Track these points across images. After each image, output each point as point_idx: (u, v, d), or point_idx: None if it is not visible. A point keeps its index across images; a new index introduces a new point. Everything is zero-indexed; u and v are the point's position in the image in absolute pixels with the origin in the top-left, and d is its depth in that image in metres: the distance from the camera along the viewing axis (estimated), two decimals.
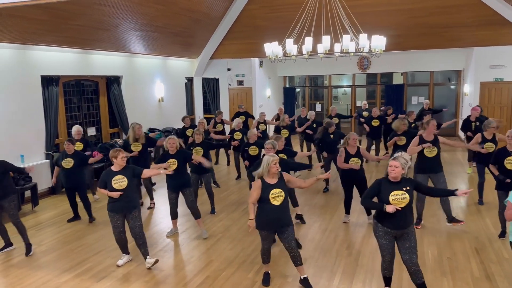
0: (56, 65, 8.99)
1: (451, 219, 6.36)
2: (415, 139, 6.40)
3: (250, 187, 7.28)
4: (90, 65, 9.95)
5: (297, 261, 4.60)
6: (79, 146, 7.73)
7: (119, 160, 5.14)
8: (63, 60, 9.17)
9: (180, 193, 6.23)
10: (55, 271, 5.28)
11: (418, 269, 4.15)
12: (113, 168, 5.21)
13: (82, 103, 10.16)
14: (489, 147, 7.01)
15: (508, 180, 5.61)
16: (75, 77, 9.78)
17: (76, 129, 8.12)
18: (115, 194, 5.06)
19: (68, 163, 6.87)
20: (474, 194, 7.94)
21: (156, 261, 5.27)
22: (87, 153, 7.62)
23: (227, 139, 10.19)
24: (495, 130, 7.10)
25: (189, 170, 6.90)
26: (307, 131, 10.37)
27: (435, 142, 6.23)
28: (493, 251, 5.53)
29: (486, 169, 6.97)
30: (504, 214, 3.97)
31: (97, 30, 9.03)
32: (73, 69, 9.49)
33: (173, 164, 6.05)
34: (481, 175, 7.43)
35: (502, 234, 5.96)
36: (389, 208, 4.00)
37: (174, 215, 6.37)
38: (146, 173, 5.36)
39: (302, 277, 4.69)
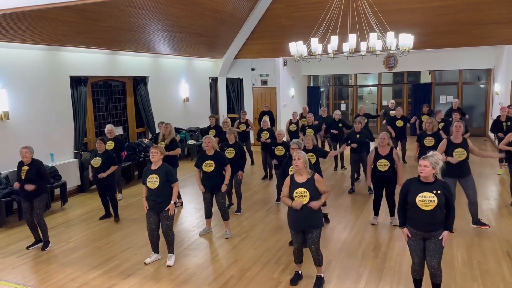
0: (84, 66, 9.19)
1: (476, 222, 6.22)
2: (443, 142, 6.25)
3: (278, 185, 7.26)
4: (117, 66, 10.14)
5: (316, 263, 4.69)
6: (110, 145, 7.87)
7: (151, 157, 5.27)
8: (91, 61, 9.38)
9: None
10: (84, 268, 5.40)
11: (436, 273, 4.07)
12: (152, 166, 5.33)
13: (109, 103, 10.36)
14: None
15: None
16: (103, 77, 9.98)
17: (109, 127, 8.27)
18: (145, 204, 5.36)
19: (96, 162, 7.01)
20: (506, 196, 7.71)
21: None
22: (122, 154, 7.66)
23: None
24: None
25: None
26: (333, 130, 10.26)
27: (464, 146, 6.05)
28: None
29: None
30: None
31: (124, 31, 9.19)
32: (101, 70, 9.68)
33: (210, 165, 6.06)
34: None
35: None
36: (404, 231, 4.14)
37: (208, 214, 6.40)
38: (175, 190, 5.38)
39: (317, 274, 4.76)
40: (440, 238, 3.99)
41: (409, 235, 4.10)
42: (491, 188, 8.48)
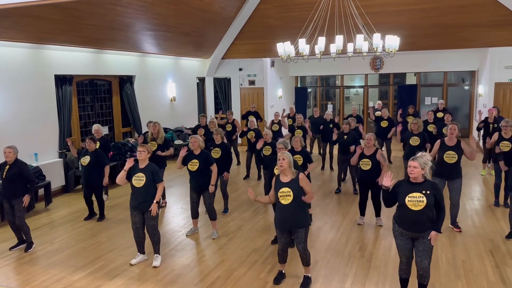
0: (69, 65, 9.07)
1: (453, 222, 6.33)
2: (437, 143, 6.31)
3: (265, 185, 7.24)
4: (103, 65, 10.03)
5: (304, 262, 4.72)
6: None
7: (137, 155, 5.23)
8: (76, 60, 9.26)
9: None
10: (68, 269, 5.33)
11: (425, 274, 4.10)
12: (139, 164, 5.28)
13: (95, 102, 10.24)
14: (505, 146, 6.91)
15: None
16: (89, 76, 9.87)
17: (95, 127, 8.13)
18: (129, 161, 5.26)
19: (85, 160, 6.94)
20: (489, 197, 7.84)
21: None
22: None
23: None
24: (511, 129, 7.00)
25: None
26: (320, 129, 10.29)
27: (456, 149, 6.11)
28: (509, 254, 5.44)
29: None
30: None
31: (110, 30, 9.09)
32: (86, 69, 9.57)
33: (194, 164, 6.04)
34: (498, 176, 7.34)
35: (510, 235, 5.91)
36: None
37: (194, 215, 6.36)
38: (159, 189, 5.31)
39: (304, 274, 4.79)
40: (428, 238, 4.03)
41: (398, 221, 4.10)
42: (475, 188, 8.61)
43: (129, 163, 5.23)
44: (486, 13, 10.83)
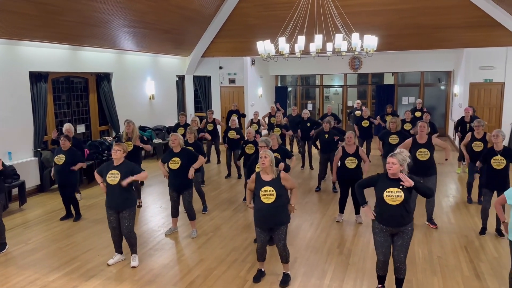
0: (45, 61, 8.85)
1: (429, 219, 6.46)
2: (409, 140, 6.44)
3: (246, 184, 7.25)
4: (79, 62, 9.83)
5: (283, 260, 4.75)
6: None
7: (112, 154, 5.14)
8: (52, 56, 9.05)
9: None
10: (43, 270, 5.20)
11: (402, 267, 4.21)
12: (114, 162, 5.19)
13: (71, 100, 10.03)
14: (477, 146, 7.09)
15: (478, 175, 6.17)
16: (65, 73, 9.65)
17: (66, 126, 7.96)
18: (102, 187, 5.25)
19: (59, 159, 6.79)
20: (464, 194, 8.02)
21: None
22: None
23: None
24: (483, 129, 7.21)
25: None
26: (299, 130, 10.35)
27: (428, 146, 6.24)
28: (482, 249, 5.57)
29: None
30: (495, 206, 4.43)
31: (87, 26, 8.92)
32: (62, 66, 9.36)
33: (176, 163, 5.99)
34: (471, 174, 7.51)
35: (483, 231, 6.07)
36: (366, 210, 4.28)
37: (175, 213, 6.30)
38: (142, 174, 5.26)
39: (284, 272, 4.81)
40: (409, 228, 4.11)
41: (374, 214, 4.20)
42: (450, 186, 8.80)
43: (102, 189, 5.25)
44: (462, 14, 11.09)
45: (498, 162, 5.83)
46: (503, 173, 5.83)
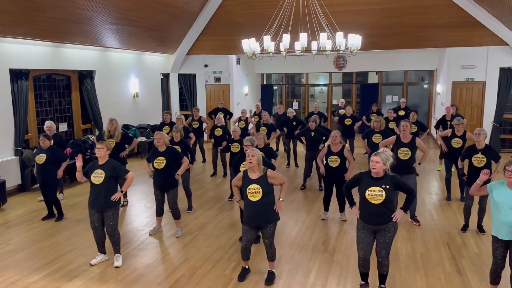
0: (26, 59, 8.68)
1: (412, 216, 6.54)
2: (392, 138, 6.51)
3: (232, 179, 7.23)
4: (62, 59, 9.67)
5: (269, 257, 4.76)
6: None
7: (96, 152, 5.07)
8: (33, 53, 8.88)
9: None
10: (24, 271, 5.11)
11: (384, 262, 4.27)
12: (98, 161, 5.12)
13: (53, 98, 9.87)
14: (456, 143, 7.22)
15: (465, 177, 6.12)
16: (46, 71, 9.49)
17: (48, 124, 7.82)
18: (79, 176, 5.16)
19: (40, 158, 6.67)
20: (446, 191, 8.13)
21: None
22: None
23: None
24: (463, 127, 7.36)
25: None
26: (285, 128, 10.36)
27: (410, 145, 6.31)
28: (464, 246, 5.67)
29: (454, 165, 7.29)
30: (470, 190, 4.48)
31: (70, 23, 8.78)
32: (44, 63, 9.19)
33: (161, 162, 5.94)
34: (448, 170, 7.67)
35: (465, 228, 6.17)
36: (354, 209, 4.32)
37: (159, 212, 6.25)
38: (129, 180, 5.19)
39: (269, 270, 4.82)
40: (392, 217, 4.14)
41: (359, 214, 4.25)
42: (432, 183, 8.92)
43: (78, 161, 5.10)
44: (445, 14, 11.24)
45: (478, 160, 5.92)
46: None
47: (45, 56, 9.19)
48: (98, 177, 5.02)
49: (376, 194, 4.08)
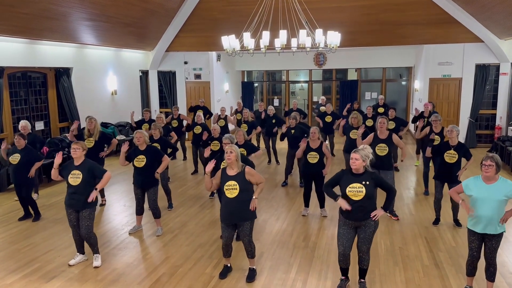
0: (0, 56, 8.45)
1: (391, 211, 6.64)
2: (370, 136, 6.59)
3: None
4: (37, 56, 9.45)
5: (249, 255, 4.76)
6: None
7: (72, 153, 4.97)
8: (7, 50, 8.65)
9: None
10: (0, 273, 4.98)
11: (364, 257, 4.33)
12: (74, 161, 5.01)
13: (29, 96, 9.65)
14: (435, 139, 7.35)
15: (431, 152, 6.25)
16: (22, 68, 9.26)
17: (22, 123, 7.62)
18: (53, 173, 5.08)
19: (15, 158, 6.51)
20: (423, 186, 8.28)
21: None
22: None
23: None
24: (440, 124, 7.51)
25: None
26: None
27: (388, 141, 6.41)
28: (442, 240, 5.78)
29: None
30: (450, 192, 4.51)
31: (45, 19, 8.58)
32: (19, 60, 8.97)
33: (141, 161, 5.87)
34: (426, 165, 7.83)
35: (436, 222, 6.33)
36: (341, 203, 4.23)
37: (139, 211, 6.19)
38: (105, 179, 5.07)
39: (250, 267, 4.83)
40: (372, 216, 4.17)
41: (348, 205, 4.16)
42: (411, 178, 9.08)
43: (57, 158, 4.99)
44: (422, 11, 11.42)
45: (450, 156, 6.04)
46: (455, 167, 6.04)
47: (20, 53, 8.97)
48: (75, 178, 4.93)
49: (356, 191, 4.13)
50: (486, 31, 11.15)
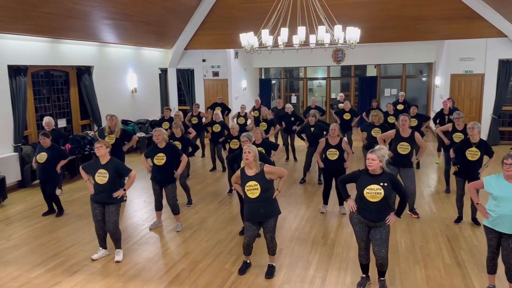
0: (24, 55, 8.66)
1: (411, 209, 6.56)
2: (392, 132, 6.51)
3: (230, 177, 7.24)
4: (59, 55, 9.64)
5: (270, 251, 4.77)
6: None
7: (96, 151, 5.07)
8: (31, 50, 8.85)
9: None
10: (25, 266, 5.13)
11: (384, 263, 4.23)
12: (100, 160, 5.12)
13: (52, 94, 9.85)
14: (457, 137, 7.22)
15: (457, 167, 6.11)
16: (44, 67, 9.46)
17: (46, 120, 7.81)
18: (88, 184, 5.27)
19: (41, 157, 6.66)
20: (445, 184, 8.16)
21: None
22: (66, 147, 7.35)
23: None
24: (463, 121, 7.35)
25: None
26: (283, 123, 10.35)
27: (410, 140, 6.32)
28: (463, 238, 5.69)
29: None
30: (469, 186, 4.45)
31: (67, 18, 8.74)
32: (42, 59, 9.17)
33: (161, 159, 5.94)
34: (448, 163, 7.68)
35: (458, 220, 6.20)
36: (350, 203, 4.26)
37: (158, 207, 6.26)
38: (131, 178, 5.21)
39: (269, 263, 4.84)
40: (386, 220, 4.14)
41: (355, 207, 4.21)
42: (432, 176, 8.95)
43: (88, 186, 5.25)
44: (443, 6, 11.22)
45: (472, 154, 5.93)
46: (476, 165, 5.93)
47: (43, 52, 9.17)
48: (102, 177, 5.03)
49: (374, 192, 4.08)
50: (509, 26, 10.88)
